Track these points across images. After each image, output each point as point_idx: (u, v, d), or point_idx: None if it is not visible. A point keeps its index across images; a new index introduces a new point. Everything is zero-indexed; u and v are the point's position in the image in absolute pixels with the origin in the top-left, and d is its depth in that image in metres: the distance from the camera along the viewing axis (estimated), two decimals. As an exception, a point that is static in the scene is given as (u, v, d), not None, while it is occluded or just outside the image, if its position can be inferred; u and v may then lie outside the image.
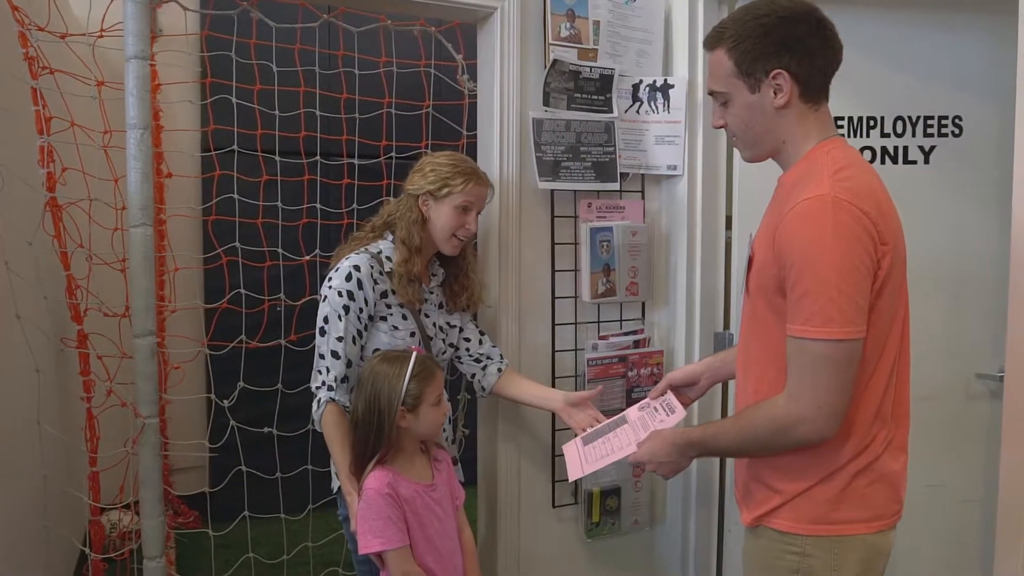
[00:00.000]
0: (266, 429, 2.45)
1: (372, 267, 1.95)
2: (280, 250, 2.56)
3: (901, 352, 1.49)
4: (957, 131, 2.53)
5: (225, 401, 2.36)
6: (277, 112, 2.55)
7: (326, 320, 1.90)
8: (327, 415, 1.86)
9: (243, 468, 2.45)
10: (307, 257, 2.58)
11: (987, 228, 2.49)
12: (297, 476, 2.65)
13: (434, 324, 2.06)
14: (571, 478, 1.90)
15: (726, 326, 2.57)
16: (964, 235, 2.49)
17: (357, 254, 1.96)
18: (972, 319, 2.51)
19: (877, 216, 1.36)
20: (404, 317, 1.98)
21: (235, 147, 2.45)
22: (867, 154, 2.49)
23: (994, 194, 2.52)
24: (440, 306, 2.10)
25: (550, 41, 2.35)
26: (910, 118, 2.53)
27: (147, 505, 2.02)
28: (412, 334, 1.97)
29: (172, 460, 3.01)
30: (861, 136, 2.50)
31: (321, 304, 1.92)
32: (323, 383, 1.89)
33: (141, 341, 2.00)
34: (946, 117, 2.53)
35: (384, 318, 1.96)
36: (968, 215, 2.50)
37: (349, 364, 1.90)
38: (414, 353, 1.82)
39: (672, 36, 2.53)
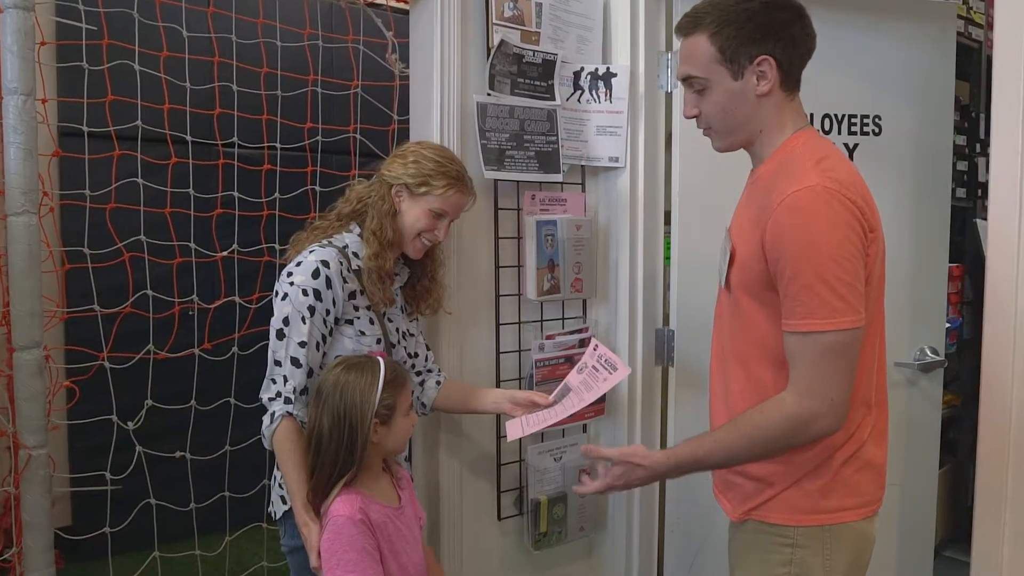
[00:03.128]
0: (178, 454, 2.01)
1: (341, 263, 1.60)
2: (192, 244, 2.12)
3: (880, 340, 1.42)
4: (877, 130, 2.47)
5: (130, 423, 1.91)
6: (188, 85, 2.09)
7: (286, 322, 1.54)
8: (282, 432, 1.51)
9: (152, 501, 1.99)
10: (224, 253, 2.15)
11: (903, 224, 2.44)
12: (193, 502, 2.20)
13: (397, 330, 1.73)
14: (510, 437, 1.74)
15: (666, 322, 2.39)
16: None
17: (322, 247, 1.61)
18: (889, 311, 2.45)
19: (863, 204, 1.29)
20: (371, 321, 1.64)
21: (139, 123, 1.98)
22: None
23: (910, 191, 2.48)
24: (402, 309, 1.78)
25: (494, 20, 2.07)
26: (836, 116, 2.43)
27: (34, 555, 1.56)
28: (378, 340, 1.64)
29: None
30: (793, 132, 2.39)
31: (278, 302, 1.56)
32: (278, 394, 1.53)
33: (25, 355, 1.55)
34: (867, 116, 2.46)
35: (350, 321, 1.61)
36: (885, 212, 2.42)
37: (310, 373, 1.56)
38: (381, 359, 1.50)
39: (611, 23, 2.31)
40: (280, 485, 1.63)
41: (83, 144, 2.07)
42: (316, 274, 1.56)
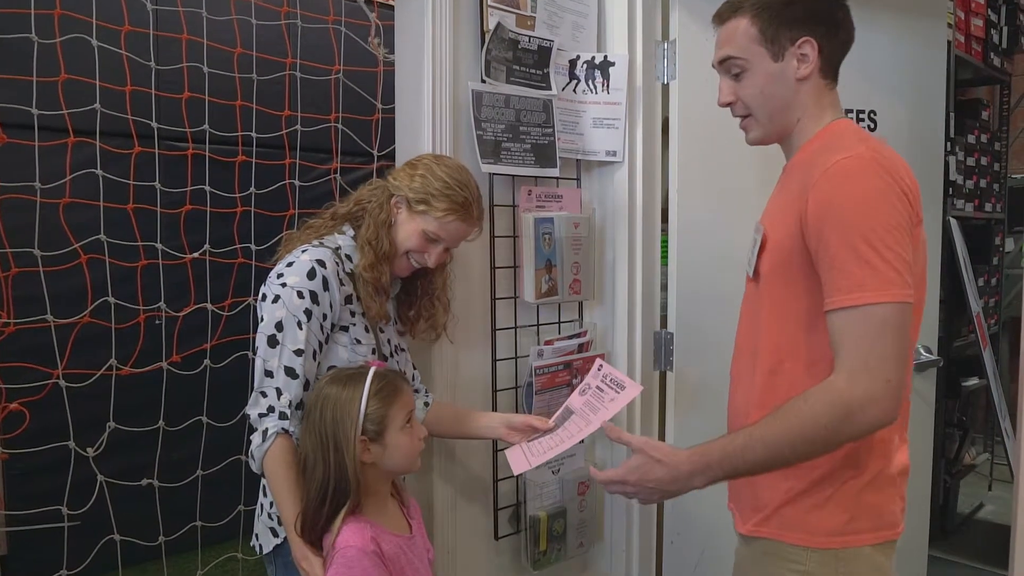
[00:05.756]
0: (144, 482, 1.76)
1: (337, 264, 1.40)
2: (159, 245, 1.85)
3: (912, 338, 1.21)
4: (872, 126, 2.37)
5: (89, 449, 1.65)
6: (153, 65, 1.84)
7: (279, 327, 1.34)
8: (276, 452, 1.30)
9: (116, 537, 1.74)
10: (194, 254, 1.90)
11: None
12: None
13: (389, 341, 1.53)
14: (515, 472, 1.54)
15: (663, 325, 2.24)
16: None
17: (314, 247, 1.41)
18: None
19: (909, 186, 1.16)
20: (366, 329, 1.44)
21: (97, 106, 1.71)
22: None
23: (903, 189, 2.39)
24: (395, 323, 1.59)
25: (489, 3, 1.88)
26: (833, 110, 2.33)
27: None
28: (373, 351, 1.44)
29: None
30: (791, 127, 2.27)
31: (268, 306, 1.35)
32: (271, 409, 1.32)
33: (-35, 373, 1.30)
34: (863, 111, 2.36)
35: (345, 328, 1.41)
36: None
37: (307, 385, 1.35)
38: (372, 367, 1.30)
39: (606, 10, 2.13)
40: (269, 515, 1.41)
41: (23, 130, 1.78)
42: (312, 275, 1.36)
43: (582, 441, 2.09)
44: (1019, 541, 1.50)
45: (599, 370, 1.64)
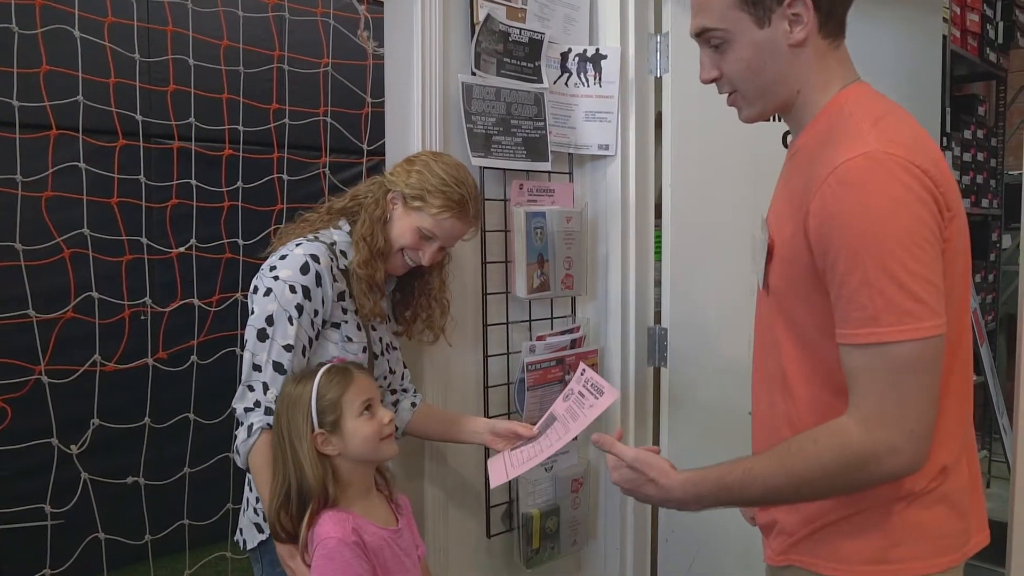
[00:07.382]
0: (130, 479, 1.74)
1: (332, 260, 1.39)
2: (144, 240, 1.83)
3: (958, 354, 1.06)
4: (869, 120, 2.36)
5: (73, 447, 1.63)
6: (137, 56, 1.81)
7: (270, 321, 1.32)
8: (261, 448, 1.29)
9: (101, 536, 1.72)
10: (180, 249, 1.88)
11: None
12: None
13: (380, 339, 1.52)
14: (493, 484, 1.52)
15: (657, 320, 2.22)
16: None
17: (309, 241, 1.40)
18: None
19: (937, 175, 0.98)
20: (359, 327, 1.43)
21: (79, 98, 1.69)
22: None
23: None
24: (388, 320, 1.58)
25: (479, -7, 1.87)
26: (830, 104, 2.31)
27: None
28: (364, 349, 1.43)
29: None
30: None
31: (259, 299, 1.34)
32: (257, 403, 1.31)
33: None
34: (859, 105, 2.35)
35: (337, 325, 1.40)
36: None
37: None
38: (331, 361, 1.30)
39: (598, 3, 2.12)
40: (255, 511, 1.40)
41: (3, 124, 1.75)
42: (305, 269, 1.35)
43: (575, 438, 2.09)
44: (1016, 537, 1.49)
45: (582, 375, 1.62)
